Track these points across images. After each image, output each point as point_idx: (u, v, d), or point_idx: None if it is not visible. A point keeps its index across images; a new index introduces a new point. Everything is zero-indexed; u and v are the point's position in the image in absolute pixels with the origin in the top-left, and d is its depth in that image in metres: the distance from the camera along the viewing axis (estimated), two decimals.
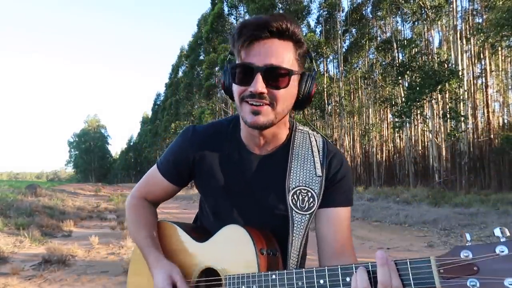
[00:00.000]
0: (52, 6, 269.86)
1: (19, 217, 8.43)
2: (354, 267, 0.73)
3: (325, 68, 29.92)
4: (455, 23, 18.28)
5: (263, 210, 1.00)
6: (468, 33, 19.63)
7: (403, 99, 18.35)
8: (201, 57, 38.13)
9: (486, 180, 19.12)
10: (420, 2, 17.35)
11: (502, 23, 13.15)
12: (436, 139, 17.69)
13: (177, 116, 45.48)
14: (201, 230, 1.08)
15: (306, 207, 0.95)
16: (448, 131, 17.02)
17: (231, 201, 1.03)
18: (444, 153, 18.03)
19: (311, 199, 0.95)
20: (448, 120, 16.28)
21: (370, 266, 0.72)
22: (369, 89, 27.97)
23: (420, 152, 24.33)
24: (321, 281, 0.75)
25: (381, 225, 9.21)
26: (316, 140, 1.02)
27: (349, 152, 27.80)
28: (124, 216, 10.26)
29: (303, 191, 0.96)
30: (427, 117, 17.74)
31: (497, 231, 0.62)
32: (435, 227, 8.09)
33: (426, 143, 23.70)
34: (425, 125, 18.58)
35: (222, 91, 1.02)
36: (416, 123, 22.63)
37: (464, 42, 19.23)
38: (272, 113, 0.90)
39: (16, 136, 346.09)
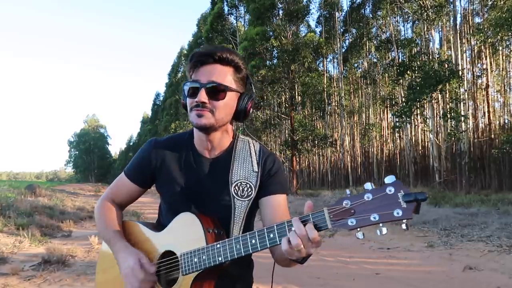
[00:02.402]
0: (50, 8, 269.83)
1: (18, 217, 8.41)
2: (275, 226, 0.97)
3: (325, 68, 29.93)
4: (455, 22, 18.29)
5: (212, 202, 1.22)
6: (468, 32, 19.63)
7: (403, 99, 18.34)
8: None
9: (486, 180, 19.12)
10: (420, 2, 17.34)
11: (502, 23, 13.14)
12: (436, 139, 17.68)
13: (177, 116, 45.48)
14: (159, 225, 1.30)
15: (246, 195, 1.20)
16: (448, 131, 17.01)
17: (186, 196, 1.24)
18: (444, 153, 18.04)
19: (249, 189, 1.21)
20: (449, 120, 16.27)
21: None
22: (369, 89, 27.97)
23: (420, 152, 24.33)
24: (253, 241, 1.00)
25: None
26: (254, 146, 1.29)
27: (349, 152, 27.80)
28: (123, 216, 10.25)
29: (243, 183, 1.21)
30: (427, 117, 17.72)
31: (367, 185, 0.88)
32: (435, 227, 8.08)
33: (426, 143, 23.70)
34: (425, 125, 18.57)
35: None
36: (416, 123, 22.63)
37: (465, 42, 19.23)
38: (212, 118, 1.15)
39: (16, 136, 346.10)
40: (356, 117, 29.15)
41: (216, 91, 1.14)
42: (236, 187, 1.20)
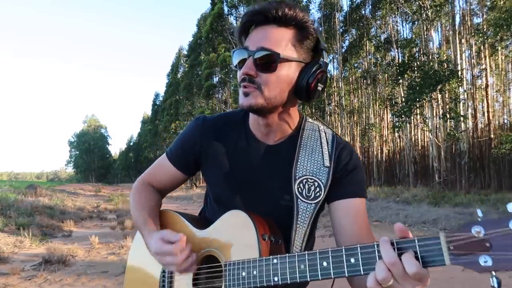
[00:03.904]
0: (50, 8, 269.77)
1: (19, 217, 8.43)
2: (359, 248, 0.70)
3: None
4: (454, 22, 18.30)
5: (268, 199, 0.99)
6: (467, 33, 19.64)
7: (403, 99, 18.35)
8: (202, 57, 38.19)
9: (486, 180, 19.12)
10: (420, 2, 17.35)
11: (501, 23, 13.15)
12: (436, 139, 17.69)
13: (177, 116, 45.48)
14: (203, 220, 1.09)
15: (312, 196, 0.95)
16: (448, 131, 17.02)
17: (235, 188, 1.02)
18: (444, 153, 18.05)
19: (318, 189, 0.95)
20: (448, 120, 16.28)
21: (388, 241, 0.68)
22: (369, 89, 27.97)
23: (420, 152, 24.33)
24: (324, 263, 0.73)
25: (381, 225, 9.21)
26: (325, 133, 1.03)
27: None
28: (124, 216, 10.27)
29: (309, 180, 0.96)
30: (427, 117, 17.73)
31: (510, 207, 0.57)
32: (435, 227, 8.09)
33: (426, 143, 23.70)
34: (425, 125, 18.58)
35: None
36: (416, 123, 22.62)
37: (464, 42, 19.24)
38: (261, 97, 0.90)
39: (16, 136, 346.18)
40: (356, 117, 29.15)
41: (267, 61, 0.88)
42: (301, 185, 0.95)
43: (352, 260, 0.70)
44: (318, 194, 0.95)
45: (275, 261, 0.80)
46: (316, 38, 0.94)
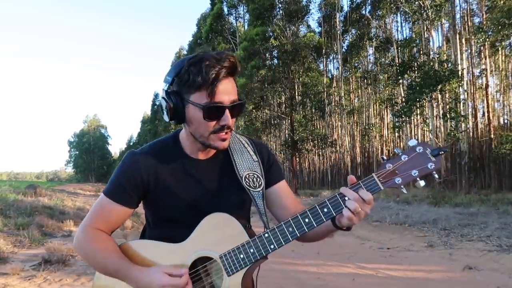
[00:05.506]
0: (50, 8, 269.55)
1: (19, 217, 8.41)
2: (327, 200, 1.02)
3: (325, 68, 29.92)
4: (454, 22, 18.29)
5: (224, 203, 1.15)
6: (467, 32, 19.62)
7: (403, 99, 18.35)
8: None
9: (486, 180, 19.11)
10: (420, 2, 17.34)
11: (503, 22, 13.14)
12: (436, 139, 17.68)
13: None
14: (166, 239, 1.13)
15: (258, 185, 1.17)
16: (448, 131, 17.01)
17: (192, 206, 1.14)
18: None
19: (258, 179, 1.18)
20: (448, 120, 16.27)
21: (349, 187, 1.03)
22: (369, 89, 27.98)
23: None
24: (306, 220, 1.02)
25: (381, 225, 9.21)
26: (240, 137, 1.26)
27: (349, 152, 27.80)
28: None
29: (250, 174, 1.18)
30: (427, 117, 17.72)
31: (397, 149, 1.03)
32: (435, 227, 8.08)
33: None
34: (425, 125, 18.58)
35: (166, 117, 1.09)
36: (416, 123, 22.62)
37: (464, 42, 19.23)
38: (230, 135, 1.12)
39: (16, 136, 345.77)
40: (356, 117, 29.14)
41: (238, 110, 1.09)
42: (247, 180, 1.16)
43: (326, 210, 1.02)
44: (260, 182, 1.18)
45: (266, 235, 1.04)
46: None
